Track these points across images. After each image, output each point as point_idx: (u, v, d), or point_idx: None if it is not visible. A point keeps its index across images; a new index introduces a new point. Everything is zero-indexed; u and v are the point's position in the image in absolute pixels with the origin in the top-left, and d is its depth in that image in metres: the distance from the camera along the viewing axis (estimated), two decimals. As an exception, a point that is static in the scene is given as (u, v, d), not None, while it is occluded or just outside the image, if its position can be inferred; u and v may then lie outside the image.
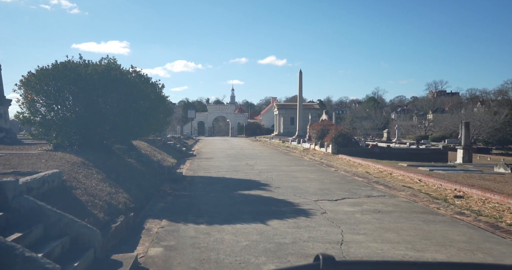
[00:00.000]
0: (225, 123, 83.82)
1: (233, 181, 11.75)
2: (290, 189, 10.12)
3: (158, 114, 11.37)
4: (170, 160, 16.28)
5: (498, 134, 53.59)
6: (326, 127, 22.97)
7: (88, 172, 7.37)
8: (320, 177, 12.61)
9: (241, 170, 14.47)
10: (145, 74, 10.67)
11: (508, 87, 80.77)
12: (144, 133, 11.96)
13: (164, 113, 11.90)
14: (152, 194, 9.19)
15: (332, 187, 10.52)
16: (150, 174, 10.84)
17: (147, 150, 14.95)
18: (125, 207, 6.73)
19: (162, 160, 14.89)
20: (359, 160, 16.39)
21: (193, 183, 11.39)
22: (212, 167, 15.51)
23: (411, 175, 11.54)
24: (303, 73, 44.71)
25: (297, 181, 11.69)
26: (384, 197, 9.04)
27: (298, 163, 17.18)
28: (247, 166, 16.00)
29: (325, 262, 0.82)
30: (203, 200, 8.82)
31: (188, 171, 14.40)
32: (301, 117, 46.27)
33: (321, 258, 0.83)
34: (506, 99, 74.80)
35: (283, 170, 14.44)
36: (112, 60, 10.68)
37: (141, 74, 10.55)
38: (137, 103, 10.35)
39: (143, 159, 11.87)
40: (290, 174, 13.38)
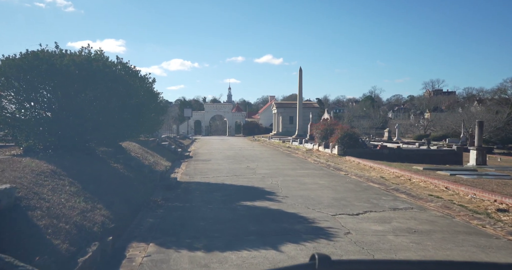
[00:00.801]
0: (222, 122, 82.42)
1: (234, 189, 10.40)
2: (301, 199, 8.78)
3: (149, 112, 10.00)
4: (164, 163, 14.89)
5: (501, 133, 52.63)
6: (330, 126, 21.64)
7: (58, 184, 5.99)
8: (331, 183, 11.27)
9: (242, 175, 13.11)
10: (133, 66, 9.30)
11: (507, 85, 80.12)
12: (133, 134, 10.58)
13: (156, 111, 10.52)
14: (140, 206, 7.81)
15: (348, 196, 9.19)
16: (139, 181, 9.46)
17: (138, 152, 13.56)
18: (103, 228, 5.35)
19: (155, 164, 13.50)
20: (370, 163, 15.08)
21: (189, 191, 10.02)
22: (210, 171, 14.14)
23: (435, 182, 10.23)
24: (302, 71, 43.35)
25: (307, 188, 10.35)
26: (413, 210, 7.71)
27: (303, 166, 15.84)
28: (248, 169, 14.65)
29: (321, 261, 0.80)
30: (200, 213, 7.46)
31: (184, 175, 13.02)
32: (301, 116, 44.96)
33: (317, 258, 0.81)
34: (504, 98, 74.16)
35: (288, 175, 13.09)
36: (99, 52, 9.29)
37: (128, 66, 9.15)
38: (124, 100, 8.96)
39: (132, 164, 10.49)
40: (297, 179, 12.04)
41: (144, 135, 11.70)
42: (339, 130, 19.98)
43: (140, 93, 9.17)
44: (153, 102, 10.08)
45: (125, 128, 9.80)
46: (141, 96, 9.19)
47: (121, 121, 9.31)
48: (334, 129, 21.16)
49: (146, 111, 9.68)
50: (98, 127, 9.17)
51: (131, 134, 10.44)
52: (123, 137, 10.47)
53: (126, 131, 9.99)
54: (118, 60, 9.05)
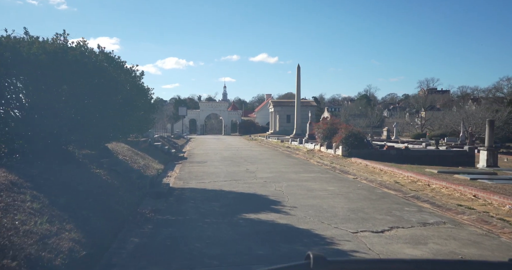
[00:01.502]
0: (218, 121, 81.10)
1: (234, 197, 9.20)
2: (312, 211, 7.60)
3: (137, 110, 8.75)
4: (155, 166, 13.64)
5: (500, 132, 52.00)
6: (333, 126, 20.50)
7: (16, 200, 4.75)
8: (341, 189, 10.12)
9: (241, 179, 11.91)
10: (117, 56, 8.04)
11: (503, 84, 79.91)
12: (120, 135, 9.34)
13: (145, 109, 9.28)
14: (124, 221, 6.59)
15: (364, 206, 8.03)
16: (125, 190, 8.23)
17: (126, 155, 12.30)
18: (69, 259, 4.14)
19: (145, 167, 12.25)
20: (379, 165, 13.96)
21: (182, 200, 8.81)
22: (206, 175, 12.93)
23: (460, 188, 9.11)
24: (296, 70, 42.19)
25: (315, 196, 9.19)
26: (446, 225, 6.57)
27: (307, 169, 14.68)
28: (248, 173, 13.45)
29: (316, 261, 0.80)
30: (195, 231, 6.26)
31: (177, 180, 11.80)
32: (299, 114, 43.83)
33: (311, 257, 0.81)
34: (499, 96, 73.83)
35: (292, 179, 11.92)
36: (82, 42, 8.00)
37: (112, 57, 7.88)
38: (107, 96, 7.71)
39: (119, 169, 9.25)
40: (302, 185, 10.87)
41: (133, 135, 10.45)
42: (343, 129, 18.84)
43: (125, 87, 7.93)
44: (142, 99, 8.84)
45: (109, 128, 8.56)
46: (127, 92, 7.95)
47: (104, 120, 8.07)
48: (337, 128, 20.03)
49: (133, 109, 8.45)
50: (77, 127, 7.93)
51: (117, 135, 9.20)
52: (108, 138, 9.23)
53: (111, 131, 8.75)
54: (100, 49, 7.79)
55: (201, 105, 70.53)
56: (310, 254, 0.84)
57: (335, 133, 20.04)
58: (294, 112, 48.27)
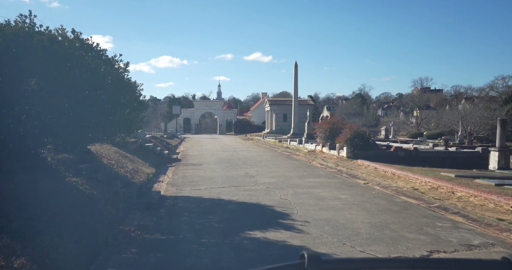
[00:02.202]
0: (212, 120, 79.76)
1: (234, 208, 7.98)
2: (328, 227, 6.42)
3: (121, 108, 7.49)
4: (145, 170, 12.37)
5: (500, 132, 51.24)
6: (336, 125, 19.36)
7: None
8: (355, 197, 8.95)
9: (241, 185, 10.71)
10: (95, 43, 6.73)
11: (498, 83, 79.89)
12: (103, 136, 8.08)
13: (132, 107, 8.02)
14: (103, 244, 5.35)
15: (388, 220, 6.87)
16: (106, 202, 6.98)
17: (112, 158, 11.01)
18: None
19: (134, 172, 10.98)
20: (389, 168, 12.83)
21: (175, 213, 7.58)
22: (202, 180, 11.70)
23: (493, 198, 7.99)
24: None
25: (328, 206, 8.01)
26: (496, 248, 5.40)
27: (311, 173, 13.50)
28: (248, 177, 12.24)
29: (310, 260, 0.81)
30: (189, 257, 5.04)
31: (170, 187, 10.56)
32: (296, 113, 42.70)
33: (306, 257, 0.82)
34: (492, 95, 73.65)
35: (298, 185, 10.74)
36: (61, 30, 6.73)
37: (89, 44, 6.60)
38: (84, 91, 6.46)
39: (100, 176, 7.99)
40: (310, 192, 9.69)
41: (122, 136, 9.20)
42: (347, 129, 17.70)
43: (106, 81, 6.67)
44: (127, 95, 7.57)
45: (88, 128, 7.30)
46: (108, 86, 6.69)
47: (81, 119, 6.81)
48: (341, 128, 18.89)
49: (117, 106, 7.19)
50: (50, 128, 6.66)
51: (99, 136, 7.94)
52: (88, 140, 7.96)
53: (92, 132, 7.49)
54: (74, 35, 6.49)
55: (196, 104, 69.06)
56: (304, 254, 0.83)
57: (338, 133, 18.90)
58: (291, 111, 47.10)
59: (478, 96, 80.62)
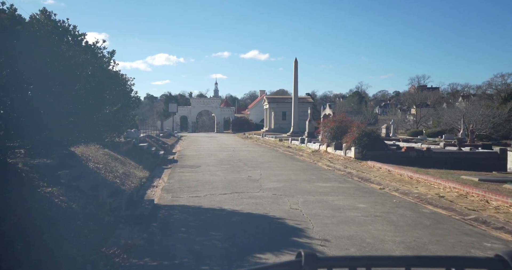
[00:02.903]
0: (209, 118, 78.60)
1: (239, 221, 6.88)
2: (353, 248, 5.34)
3: (105, 104, 6.35)
4: (138, 174, 11.24)
5: (502, 130, 50.62)
6: (342, 124, 18.28)
7: None
8: (376, 207, 7.87)
9: (244, 191, 9.61)
10: (72, 26, 5.55)
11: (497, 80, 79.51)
12: (86, 138, 6.95)
13: (118, 103, 6.88)
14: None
15: (423, 238, 5.78)
16: (88, 217, 5.86)
17: (100, 161, 9.85)
18: None
19: (124, 177, 9.84)
20: (404, 171, 11.76)
21: (169, 228, 6.47)
22: (201, 185, 10.59)
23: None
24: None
25: (347, 219, 6.92)
26: None
27: (320, 176, 12.41)
28: (251, 181, 11.14)
29: (307, 258, 0.82)
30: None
31: (165, 193, 9.44)
32: (296, 111, 41.67)
33: (303, 255, 0.83)
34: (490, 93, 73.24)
35: (307, 191, 9.65)
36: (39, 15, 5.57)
37: (64, 26, 5.42)
38: (61, 84, 5.32)
39: (83, 183, 6.85)
40: (323, 200, 8.60)
41: (112, 135, 8.08)
42: (354, 128, 16.63)
43: (87, 72, 5.52)
44: (114, 89, 6.43)
45: (67, 128, 6.17)
46: (89, 78, 5.54)
47: (57, 118, 5.67)
48: (347, 127, 17.83)
49: (101, 103, 6.06)
50: (20, 128, 5.52)
51: (80, 137, 6.81)
52: (67, 142, 6.82)
53: (72, 132, 6.36)
54: (45, 15, 5.29)
55: (193, 102, 67.75)
56: (301, 252, 0.85)
57: (344, 133, 17.84)
58: (291, 109, 46.03)
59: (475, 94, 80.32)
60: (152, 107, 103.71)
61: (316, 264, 0.82)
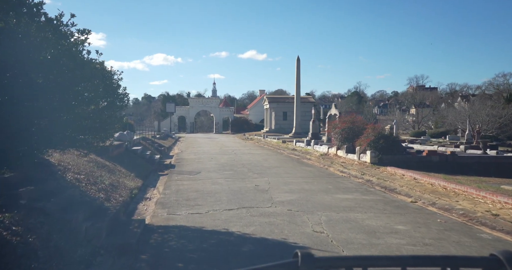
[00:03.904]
0: (208, 118, 77.03)
1: (252, 251, 5.35)
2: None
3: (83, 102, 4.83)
4: (129, 183, 9.69)
5: (509, 131, 49.41)
6: (354, 125, 16.80)
7: None
8: (419, 230, 6.36)
9: (254, 206, 8.09)
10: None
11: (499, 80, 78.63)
12: (55, 144, 5.43)
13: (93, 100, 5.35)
14: None
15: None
16: (51, 252, 4.34)
17: (81, 171, 8.28)
18: None
19: (111, 189, 8.29)
20: (436, 180, 10.27)
21: (162, 262, 4.95)
22: (202, 197, 9.06)
23: None
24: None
25: (389, 248, 5.41)
26: None
27: (337, 185, 10.89)
28: (260, 192, 9.62)
29: (304, 258, 0.81)
30: None
31: (159, 209, 7.91)
32: (298, 111, 40.19)
33: (299, 255, 0.82)
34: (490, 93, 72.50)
35: (328, 205, 8.14)
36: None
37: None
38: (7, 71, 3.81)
39: (52, 204, 5.31)
40: (350, 218, 7.09)
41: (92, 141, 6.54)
42: (369, 130, 15.15)
43: (45, 55, 4.01)
44: (89, 81, 4.89)
45: (31, 133, 4.65)
46: (49, 64, 4.03)
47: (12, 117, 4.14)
48: (360, 128, 16.35)
49: (70, 100, 4.55)
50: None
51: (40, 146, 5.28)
52: (37, 148, 5.30)
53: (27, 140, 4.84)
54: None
55: (191, 102, 66.13)
56: (298, 252, 0.84)
57: (357, 134, 16.36)
58: (292, 109, 44.54)
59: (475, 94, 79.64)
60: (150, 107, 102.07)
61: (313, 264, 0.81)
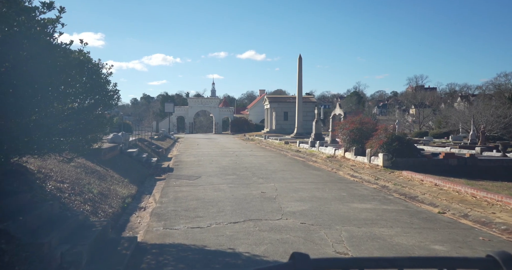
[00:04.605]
0: (207, 118, 76.10)
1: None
2: None
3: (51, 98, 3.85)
4: (121, 191, 8.69)
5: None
6: (366, 125, 15.83)
7: None
8: (462, 251, 5.39)
9: (262, 218, 7.11)
10: None
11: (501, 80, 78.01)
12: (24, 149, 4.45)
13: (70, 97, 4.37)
14: None
15: None
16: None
17: (66, 178, 7.26)
18: None
19: (101, 198, 7.29)
20: (463, 187, 9.30)
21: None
22: (203, 206, 8.07)
23: None
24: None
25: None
26: None
27: (351, 192, 9.91)
28: (267, 200, 8.62)
29: (300, 260, 0.81)
30: None
31: (155, 221, 6.92)
32: (300, 111, 39.20)
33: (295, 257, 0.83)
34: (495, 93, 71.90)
35: (346, 218, 7.16)
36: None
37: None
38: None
39: (17, 226, 4.32)
40: (375, 235, 6.12)
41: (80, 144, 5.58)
42: (381, 131, 14.18)
43: None
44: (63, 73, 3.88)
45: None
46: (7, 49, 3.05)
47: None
48: (370, 129, 15.38)
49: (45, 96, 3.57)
50: None
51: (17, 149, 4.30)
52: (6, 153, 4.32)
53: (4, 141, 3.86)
54: None
55: (190, 102, 65.07)
56: (294, 254, 0.84)
57: (366, 136, 15.41)
58: (293, 109, 43.59)
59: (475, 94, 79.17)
60: (149, 107, 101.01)
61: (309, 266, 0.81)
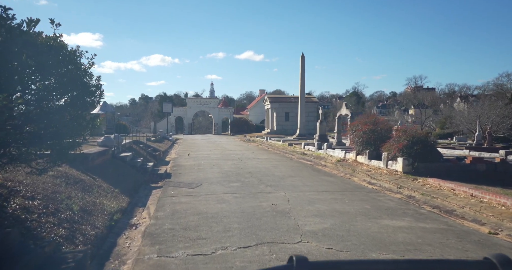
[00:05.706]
0: (206, 119, 74.78)
1: None
2: None
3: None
4: (109, 204, 7.36)
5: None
6: (380, 126, 14.56)
7: None
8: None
9: (277, 241, 5.81)
10: None
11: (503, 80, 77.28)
12: None
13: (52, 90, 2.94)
14: None
15: None
16: None
17: (38, 193, 5.93)
18: None
19: (83, 216, 5.97)
20: (506, 200, 8.03)
21: None
22: (205, 223, 6.77)
23: None
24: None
25: None
26: None
27: (375, 204, 8.62)
28: (280, 216, 7.32)
29: (299, 263, 0.81)
30: None
31: (147, 246, 5.61)
32: (303, 112, 37.88)
33: (294, 260, 0.82)
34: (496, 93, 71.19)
35: (381, 241, 5.88)
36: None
37: None
38: None
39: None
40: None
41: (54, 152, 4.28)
42: (400, 133, 12.90)
43: None
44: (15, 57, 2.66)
45: None
46: None
47: None
48: (385, 130, 14.12)
49: None
50: None
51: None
52: None
53: None
54: None
55: (189, 102, 63.70)
56: (293, 256, 0.84)
57: (380, 138, 14.15)
58: (294, 109, 42.31)
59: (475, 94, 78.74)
60: (147, 107, 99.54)
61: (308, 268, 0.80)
